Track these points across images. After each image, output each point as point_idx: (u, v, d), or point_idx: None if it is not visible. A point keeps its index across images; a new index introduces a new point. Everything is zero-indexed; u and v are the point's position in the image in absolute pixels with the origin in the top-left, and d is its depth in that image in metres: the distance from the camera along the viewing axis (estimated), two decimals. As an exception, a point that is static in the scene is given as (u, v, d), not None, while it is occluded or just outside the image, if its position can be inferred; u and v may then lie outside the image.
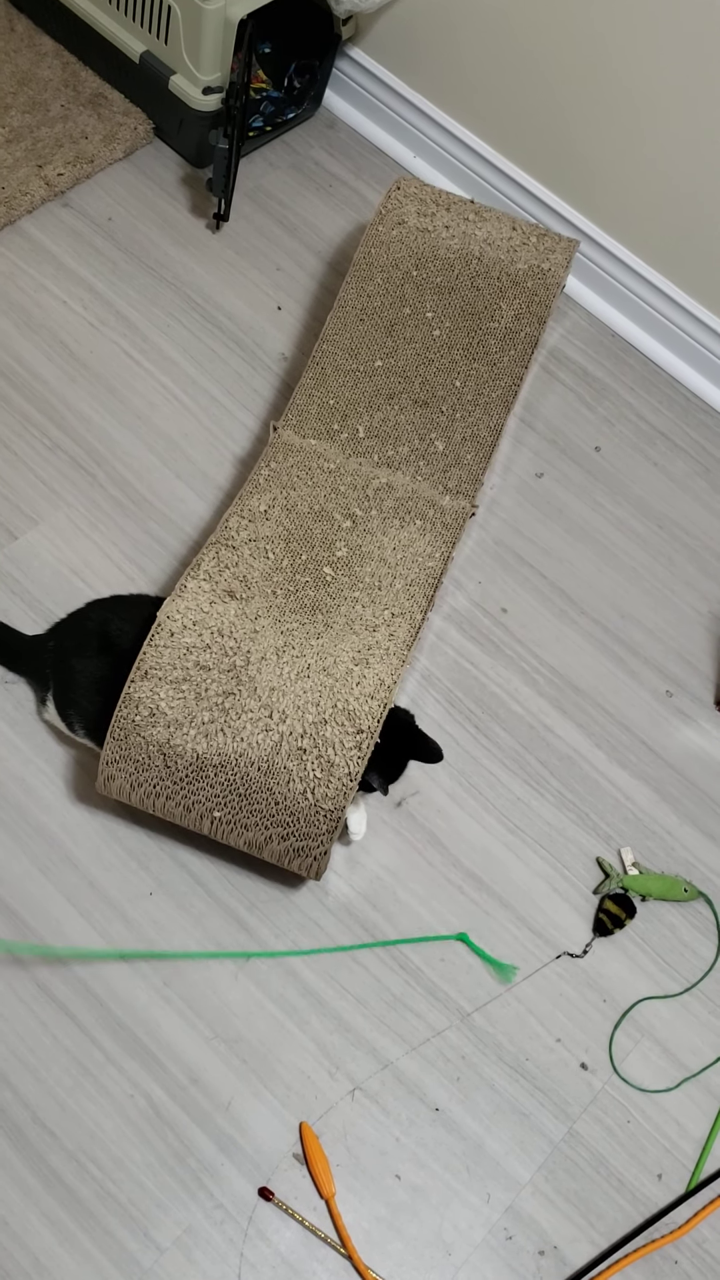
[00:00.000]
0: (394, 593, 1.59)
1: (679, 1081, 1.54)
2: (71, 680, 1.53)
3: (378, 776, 1.48)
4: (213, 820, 1.45)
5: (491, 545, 1.87)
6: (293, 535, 1.62)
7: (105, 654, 1.52)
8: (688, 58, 1.79)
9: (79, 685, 1.52)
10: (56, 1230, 1.36)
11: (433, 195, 1.91)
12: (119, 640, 1.52)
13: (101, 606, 1.61)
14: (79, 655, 1.54)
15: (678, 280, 2.03)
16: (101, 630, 1.55)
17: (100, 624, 1.56)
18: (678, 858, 1.67)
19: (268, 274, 2.06)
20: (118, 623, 1.54)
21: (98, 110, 2.13)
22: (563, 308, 2.13)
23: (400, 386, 1.78)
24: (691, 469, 2.01)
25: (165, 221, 2.08)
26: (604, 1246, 1.44)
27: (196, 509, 1.82)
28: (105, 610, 1.60)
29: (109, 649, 1.52)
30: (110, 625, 1.55)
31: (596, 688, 1.78)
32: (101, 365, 1.92)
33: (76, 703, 1.53)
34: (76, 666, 1.53)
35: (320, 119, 2.27)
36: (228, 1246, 1.38)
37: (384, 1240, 1.41)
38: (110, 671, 1.49)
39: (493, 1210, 1.44)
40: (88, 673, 1.52)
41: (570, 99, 1.97)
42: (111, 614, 1.58)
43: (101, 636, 1.54)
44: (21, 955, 1.48)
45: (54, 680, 1.54)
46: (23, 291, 1.96)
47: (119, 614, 1.57)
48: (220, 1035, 1.48)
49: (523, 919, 1.60)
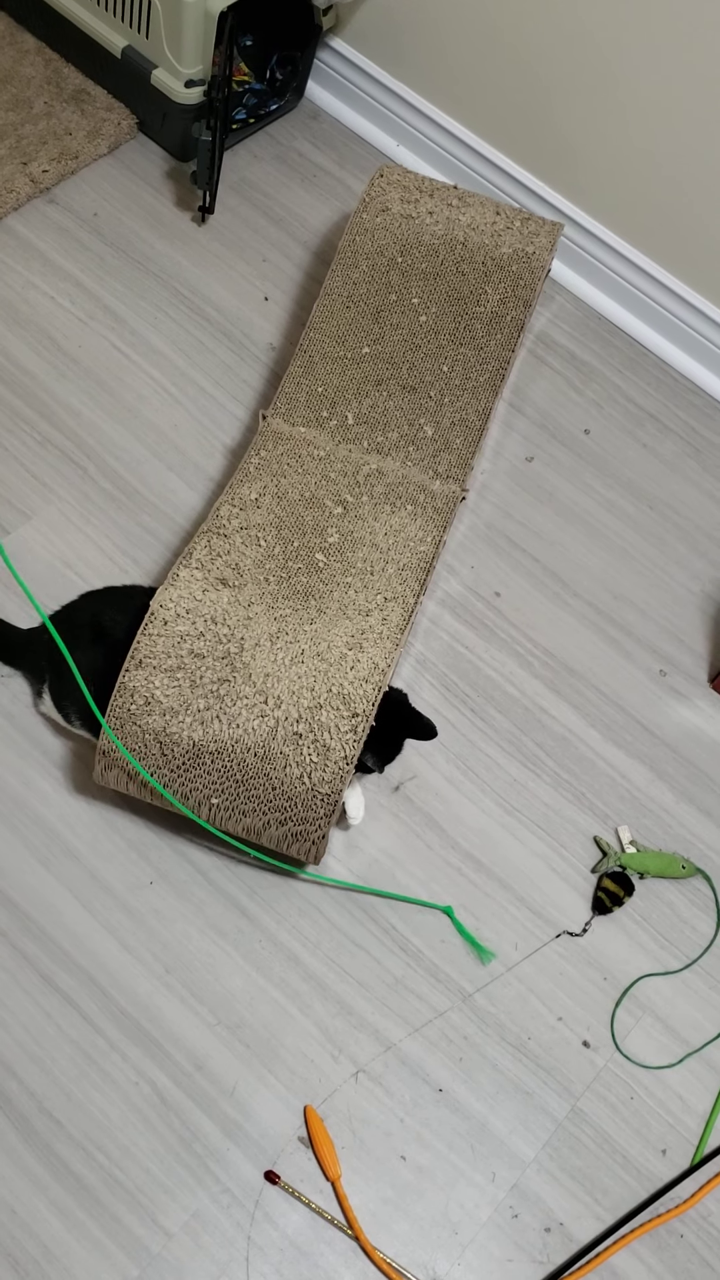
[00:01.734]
0: (386, 577, 1.59)
1: (681, 1057, 1.55)
2: (67, 672, 1.53)
3: (373, 757, 1.49)
4: (210, 807, 1.45)
5: (483, 529, 1.88)
6: (284, 522, 1.62)
7: (99, 644, 1.52)
8: (667, 40, 1.79)
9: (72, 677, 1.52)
10: (65, 1218, 1.37)
11: (416, 182, 1.92)
12: (112, 630, 1.52)
13: (94, 597, 1.62)
14: (73, 647, 1.54)
15: (663, 262, 2.04)
16: (95, 621, 1.55)
17: (93, 615, 1.56)
18: (675, 835, 1.68)
19: (254, 265, 2.07)
20: (111, 613, 1.55)
21: (81, 106, 2.14)
22: (549, 292, 2.14)
23: (388, 373, 1.79)
24: (681, 450, 2.01)
25: (151, 215, 2.09)
26: (610, 1222, 1.45)
27: (188, 499, 1.82)
28: (98, 601, 1.60)
29: (103, 639, 1.52)
30: (104, 616, 1.55)
31: (590, 668, 1.79)
32: (90, 359, 1.92)
33: (72, 694, 1.53)
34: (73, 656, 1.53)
35: (303, 110, 2.28)
36: (235, 1230, 1.38)
37: (390, 1221, 1.41)
38: (104, 662, 1.50)
39: (498, 1189, 1.45)
40: (82, 664, 1.52)
41: (551, 83, 1.97)
42: (104, 605, 1.58)
43: (95, 627, 1.54)
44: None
45: (49, 672, 1.55)
46: (10, 288, 1.96)
47: (112, 604, 1.58)
48: (223, 1021, 1.49)
49: (522, 899, 1.61)
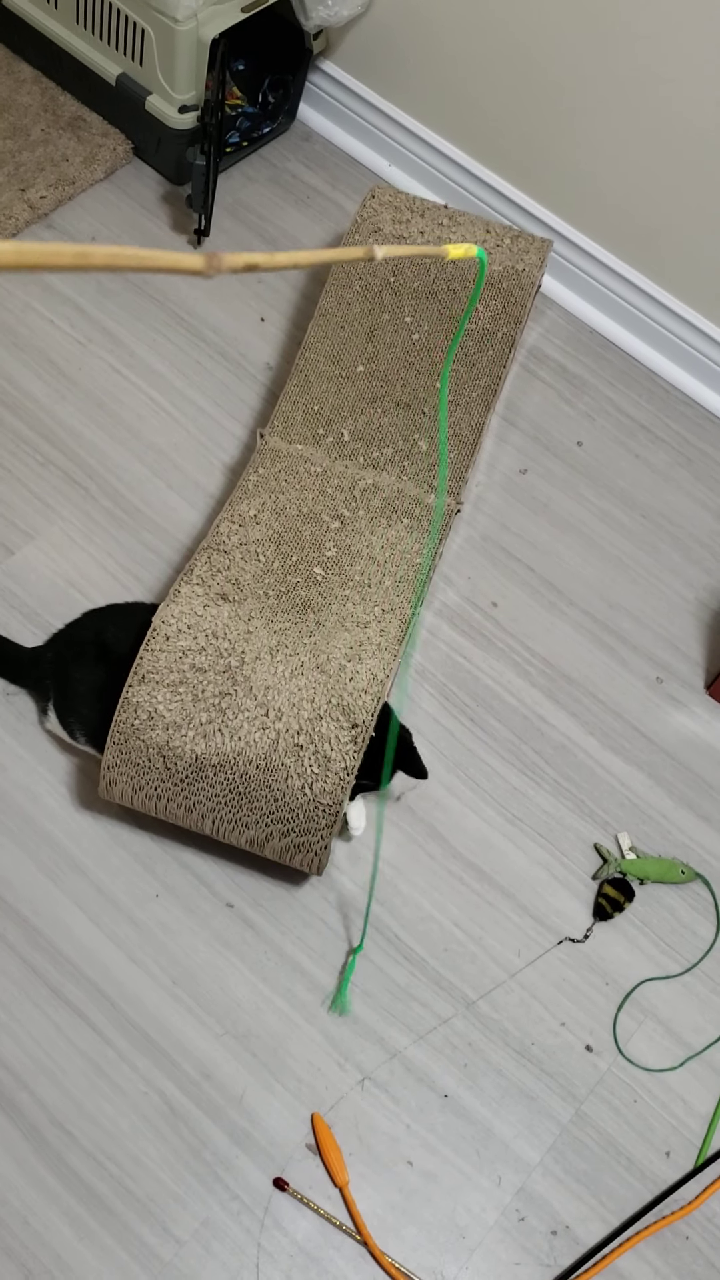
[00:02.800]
0: (384, 589, 1.62)
1: (683, 1060, 1.56)
2: (71, 689, 1.56)
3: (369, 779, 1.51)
4: (214, 820, 1.47)
5: (479, 541, 1.90)
6: (283, 538, 1.65)
7: (102, 662, 1.55)
8: (652, 57, 1.83)
9: (78, 694, 1.55)
10: (77, 1227, 1.38)
11: (407, 202, 1.95)
12: (116, 648, 1.55)
13: (98, 615, 1.64)
14: (77, 664, 1.57)
15: (652, 276, 2.07)
16: (98, 639, 1.58)
17: (97, 633, 1.59)
18: (674, 840, 1.70)
19: (250, 286, 2.10)
20: (114, 630, 1.58)
21: (77, 133, 2.17)
22: (540, 307, 2.17)
23: (382, 390, 1.81)
24: (673, 459, 2.04)
25: (147, 239, 2.12)
26: (615, 1224, 1.46)
27: (188, 517, 1.85)
28: (101, 619, 1.63)
29: (106, 657, 1.55)
30: (107, 633, 1.58)
31: (588, 677, 1.81)
32: (90, 381, 1.95)
33: (76, 711, 1.56)
34: (75, 675, 1.56)
35: (295, 132, 2.31)
36: (245, 1237, 1.40)
37: (399, 1226, 1.43)
38: (108, 679, 1.52)
39: (504, 1193, 1.46)
40: (86, 681, 1.55)
41: (539, 101, 2.01)
42: (107, 622, 1.61)
43: (98, 645, 1.57)
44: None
45: (54, 690, 1.57)
46: (10, 312, 2.00)
47: (115, 622, 1.60)
48: (230, 1031, 1.51)
49: (524, 907, 1.63)
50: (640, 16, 1.80)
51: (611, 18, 1.83)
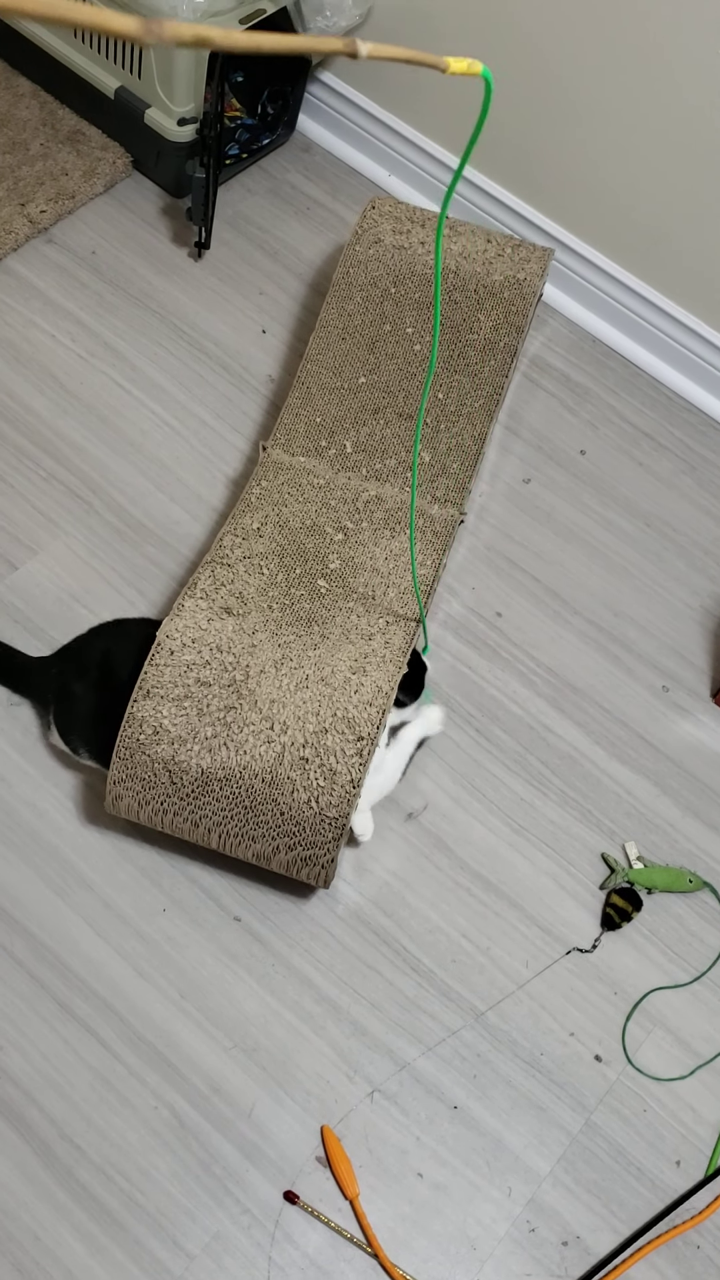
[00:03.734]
0: (388, 601, 1.62)
1: (693, 1069, 1.56)
2: (74, 704, 1.56)
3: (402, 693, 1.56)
4: (220, 834, 1.48)
5: (483, 551, 1.90)
6: (286, 550, 1.65)
7: (107, 677, 1.55)
8: (654, 67, 1.83)
9: (81, 708, 1.55)
10: (88, 1243, 1.38)
11: (407, 213, 1.95)
12: (121, 664, 1.55)
13: (103, 630, 1.64)
14: (81, 679, 1.57)
15: (653, 283, 2.07)
16: (104, 655, 1.58)
17: (102, 648, 1.59)
18: (681, 850, 1.70)
19: (251, 298, 2.10)
20: (119, 645, 1.58)
21: (76, 147, 2.18)
22: (542, 316, 2.17)
23: (384, 401, 1.82)
24: (677, 467, 2.04)
25: (148, 252, 2.12)
26: (626, 1235, 1.46)
27: (191, 530, 1.85)
28: (107, 633, 1.63)
29: (110, 672, 1.55)
30: (112, 648, 1.58)
31: (593, 686, 1.81)
32: (92, 396, 1.96)
33: (79, 726, 1.56)
34: (78, 691, 1.56)
35: (295, 143, 2.32)
36: (256, 1251, 1.40)
37: (409, 1238, 1.43)
38: (111, 696, 1.52)
39: (515, 1204, 1.46)
40: (90, 696, 1.55)
41: (537, 110, 2.01)
42: (114, 639, 1.61)
43: (103, 659, 1.57)
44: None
45: (56, 704, 1.58)
46: (11, 327, 2.00)
47: (121, 639, 1.61)
48: (239, 1044, 1.51)
49: (531, 917, 1.63)
50: (642, 24, 1.80)
51: (612, 26, 1.83)
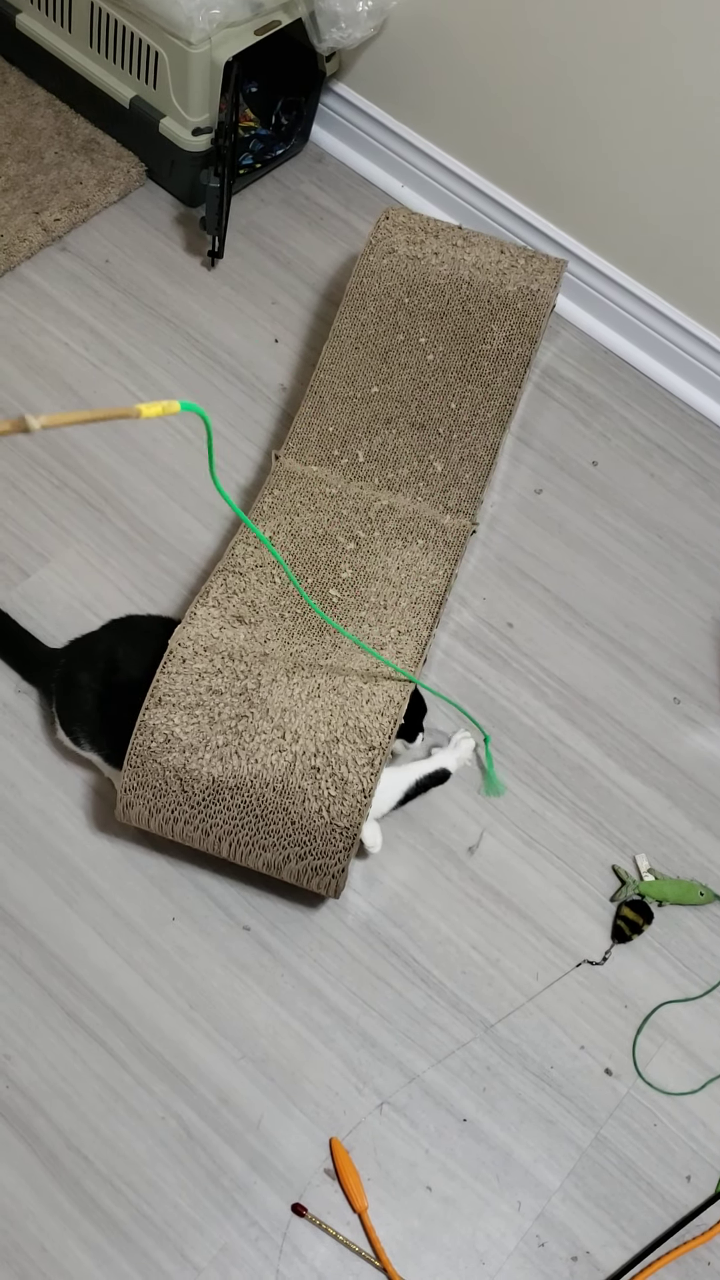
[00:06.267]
0: (399, 611, 1.62)
1: (703, 1083, 1.55)
2: (78, 694, 1.56)
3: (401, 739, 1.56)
4: (231, 843, 1.47)
5: (495, 561, 1.90)
6: (298, 559, 1.65)
7: (112, 669, 1.56)
8: (666, 78, 1.83)
9: (85, 699, 1.55)
10: (94, 1254, 1.38)
11: (421, 223, 1.95)
12: (128, 656, 1.57)
13: (115, 625, 1.67)
14: (87, 670, 1.58)
15: (666, 295, 2.07)
16: (111, 647, 1.60)
17: (111, 641, 1.61)
18: (692, 862, 1.69)
19: (263, 308, 2.11)
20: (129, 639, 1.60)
21: (91, 156, 2.18)
22: (555, 327, 2.17)
23: (397, 411, 1.81)
24: (689, 479, 2.04)
25: (161, 261, 2.13)
26: (636, 1250, 1.45)
27: (203, 539, 1.85)
28: (117, 628, 1.65)
29: (116, 665, 1.56)
30: (121, 642, 1.60)
31: (604, 697, 1.81)
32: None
33: (81, 716, 1.56)
34: (83, 681, 1.56)
35: (308, 154, 2.32)
36: (264, 1264, 1.39)
37: (418, 1252, 1.42)
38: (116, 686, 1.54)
39: (524, 1218, 1.45)
40: (94, 686, 1.56)
41: (552, 122, 2.01)
42: (123, 631, 1.64)
43: (110, 652, 1.59)
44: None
45: (59, 695, 1.58)
46: (24, 335, 2.00)
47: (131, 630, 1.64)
48: (248, 1055, 1.50)
49: (542, 929, 1.62)
50: (657, 38, 1.80)
51: (628, 40, 1.83)
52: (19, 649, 1.70)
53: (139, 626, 1.66)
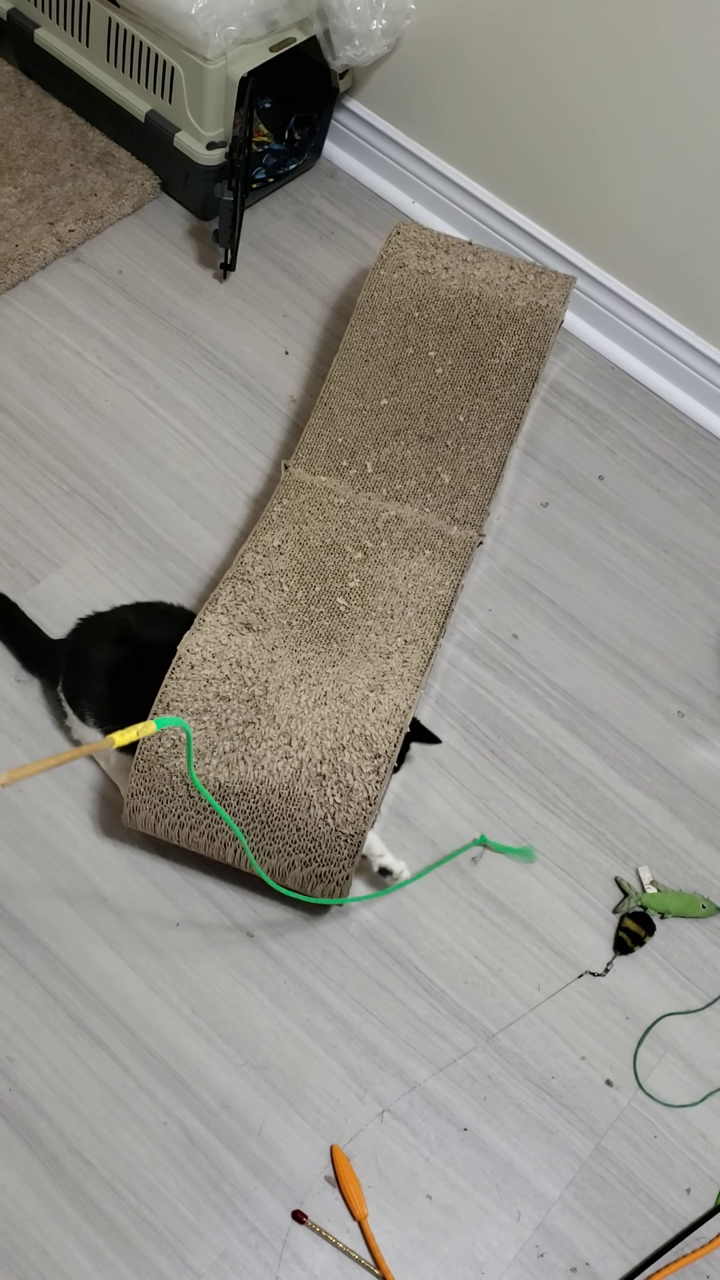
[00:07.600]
0: (406, 620, 1.63)
1: (704, 1096, 1.55)
2: (85, 667, 1.59)
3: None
4: (236, 849, 1.48)
5: (501, 574, 1.91)
6: (306, 568, 1.66)
7: (119, 643, 1.60)
8: (674, 97, 1.85)
9: (92, 672, 1.58)
10: (95, 1258, 1.38)
11: (432, 238, 1.97)
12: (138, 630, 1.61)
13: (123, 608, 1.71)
14: (96, 646, 1.61)
15: (673, 311, 2.08)
16: (119, 624, 1.63)
17: (120, 620, 1.65)
18: (695, 875, 1.70)
19: (274, 320, 2.12)
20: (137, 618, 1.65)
21: (106, 168, 2.20)
22: (562, 342, 2.18)
23: (406, 423, 1.83)
24: (694, 494, 2.05)
25: (174, 273, 2.14)
26: (635, 1262, 1.45)
27: (212, 547, 1.86)
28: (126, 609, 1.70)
29: (122, 640, 1.60)
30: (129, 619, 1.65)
31: (609, 710, 1.81)
32: (116, 412, 1.97)
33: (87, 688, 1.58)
34: (93, 656, 1.59)
35: (321, 169, 2.34)
36: (263, 1270, 1.39)
37: (417, 1260, 1.42)
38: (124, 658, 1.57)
39: (524, 1228, 1.45)
40: (101, 661, 1.58)
41: (560, 140, 2.03)
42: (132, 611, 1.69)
43: (119, 629, 1.62)
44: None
45: (65, 670, 1.61)
46: (38, 344, 2.02)
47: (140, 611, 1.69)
48: (250, 1062, 1.50)
49: (544, 940, 1.63)
50: (665, 57, 1.82)
51: (636, 59, 1.85)
52: (23, 636, 1.72)
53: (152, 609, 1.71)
